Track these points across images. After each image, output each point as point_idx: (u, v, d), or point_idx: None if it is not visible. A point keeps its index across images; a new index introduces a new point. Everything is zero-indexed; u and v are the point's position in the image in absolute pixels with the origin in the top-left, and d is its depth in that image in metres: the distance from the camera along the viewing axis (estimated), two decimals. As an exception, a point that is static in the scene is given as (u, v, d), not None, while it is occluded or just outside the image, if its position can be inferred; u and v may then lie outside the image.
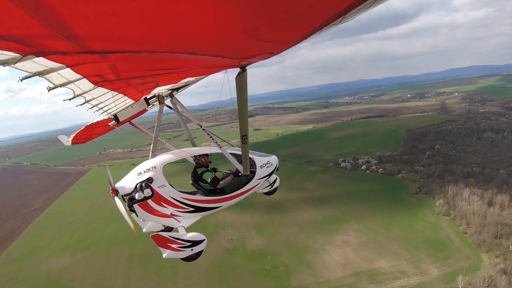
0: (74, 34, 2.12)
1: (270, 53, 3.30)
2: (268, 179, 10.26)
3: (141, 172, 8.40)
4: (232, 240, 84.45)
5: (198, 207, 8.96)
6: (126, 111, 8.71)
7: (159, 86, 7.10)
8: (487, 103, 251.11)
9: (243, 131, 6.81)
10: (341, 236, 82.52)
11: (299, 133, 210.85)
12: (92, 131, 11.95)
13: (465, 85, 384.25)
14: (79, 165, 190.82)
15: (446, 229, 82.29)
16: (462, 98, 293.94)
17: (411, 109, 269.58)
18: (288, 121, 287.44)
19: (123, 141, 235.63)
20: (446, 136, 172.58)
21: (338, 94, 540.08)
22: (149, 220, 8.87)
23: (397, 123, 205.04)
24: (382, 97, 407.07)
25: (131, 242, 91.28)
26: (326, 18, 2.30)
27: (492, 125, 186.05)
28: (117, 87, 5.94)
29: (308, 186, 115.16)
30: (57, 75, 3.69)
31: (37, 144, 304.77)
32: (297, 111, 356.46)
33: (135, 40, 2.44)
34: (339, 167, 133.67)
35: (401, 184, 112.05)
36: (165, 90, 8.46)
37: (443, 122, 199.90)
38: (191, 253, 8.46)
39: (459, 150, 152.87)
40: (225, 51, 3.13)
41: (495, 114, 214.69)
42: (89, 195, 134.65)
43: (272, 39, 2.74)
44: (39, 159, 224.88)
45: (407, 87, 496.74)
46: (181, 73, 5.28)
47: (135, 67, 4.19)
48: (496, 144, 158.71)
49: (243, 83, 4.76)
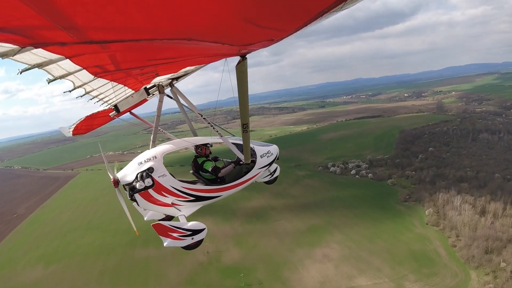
0: (73, 24, 2.10)
1: (270, 40, 3.22)
2: (269, 169, 10.44)
3: (141, 161, 8.30)
4: (208, 253, 78.91)
5: (198, 196, 8.95)
6: (126, 101, 8.48)
7: (159, 76, 7.08)
8: (484, 102, 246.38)
9: (244, 120, 6.62)
10: (322, 249, 76.70)
11: (292, 135, 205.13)
12: (93, 122, 11.79)
13: (462, 84, 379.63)
14: (68, 169, 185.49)
15: (434, 241, 76.23)
16: (459, 97, 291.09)
17: (408, 108, 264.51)
18: (283, 121, 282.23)
19: (115, 143, 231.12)
20: (441, 137, 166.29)
21: (336, 93, 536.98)
22: (150, 209, 8.85)
23: (392, 123, 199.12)
24: (379, 96, 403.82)
25: (105, 254, 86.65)
26: (327, 4, 2.28)
27: (488, 126, 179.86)
28: (117, 78, 5.95)
29: (295, 192, 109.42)
30: (56, 66, 3.70)
31: (31, 146, 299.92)
32: (293, 111, 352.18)
33: (134, 28, 2.41)
34: (328, 171, 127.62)
35: (390, 190, 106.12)
36: (165, 79, 8.41)
37: (438, 122, 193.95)
38: (191, 241, 8.46)
39: (453, 152, 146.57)
40: (225, 37, 3.02)
41: (491, 114, 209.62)
42: (72, 202, 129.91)
43: (272, 25, 2.70)
44: (31, 162, 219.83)
45: (404, 85, 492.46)
46: (180, 62, 5.23)
47: (134, 57, 4.12)
48: (491, 146, 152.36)
49: (243, 72, 4.59)
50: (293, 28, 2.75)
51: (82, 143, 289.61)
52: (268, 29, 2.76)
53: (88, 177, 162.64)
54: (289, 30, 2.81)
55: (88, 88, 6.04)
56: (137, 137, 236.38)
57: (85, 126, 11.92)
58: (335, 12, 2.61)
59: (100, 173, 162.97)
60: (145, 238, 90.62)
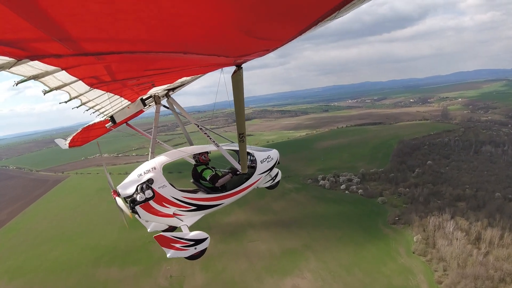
0: (68, 36, 2.08)
1: (265, 50, 3.22)
2: (270, 173, 10.31)
3: (141, 173, 8.24)
4: (171, 278, 71.65)
5: (200, 205, 8.83)
6: (123, 112, 8.49)
7: (155, 87, 6.97)
8: (490, 111, 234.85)
9: (240, 129, 6.51)
10: (293, 279, 68.36)
11: (289, 141, 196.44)
12: (89, 134, 11.52)
13: (469, 90, 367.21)
14: (59, 171, 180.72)
15: (419, 275, 67.00)
16: (465, 104, 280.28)
17: (411, 115, 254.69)
18: (283, 126, 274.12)
19: (112, 144, 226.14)
20: (441, 149, 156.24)
21: (341, 97, 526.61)
22: (152, 221, 8.58)
23: (392, 132, 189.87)
24: (384, 101, 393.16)
25: (67, 272, 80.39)
26: (322, 13, 2.28)
27: (493, 137, 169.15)
28: (113, 89, 5.89)
29: (278, 207, 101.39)
30: (52, 78, 3.68)
31: (30, 145, 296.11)
32: (295, 115, 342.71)
33: (130, 40, 2.40)
34: (317, 185, 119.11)
35: (380, 209, 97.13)
36: (161, 90, 8.36)
37: (440, 132, 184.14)
38: (194, 251, 8.31)
39: (453, 166, 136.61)
40: (220, 49, 3.07)
41: (497, 123, 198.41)
42: (52, 208, 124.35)
43: (267, 36, 2.72)
44: (27, 162, 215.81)
45: (411, 90, 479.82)
46: (176, 73, 5.23)
47: (130, 67, 4.11)
48: (494, 160, 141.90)
49: (239, 81, 4.54)
50: (288, 37, 2.73)
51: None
52: (264, 39, 2.74)
53: (75, 181, 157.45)
54: (284, 39, 2.79)
55: (84, 99, 5.95)
56: (133, 139, 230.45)
57: (81, 138, 11.70)
58: (329, 21, 2.59)
59: (88, 178, 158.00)
60: (112, 256, 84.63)
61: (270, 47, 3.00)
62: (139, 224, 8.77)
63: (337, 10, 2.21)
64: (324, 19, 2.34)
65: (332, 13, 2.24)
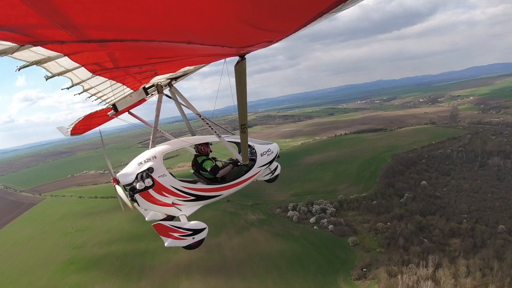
0: (71, 23, 2.06)
1: (269, 42, 3.13)
2: (269, 167, 10.02)
3: (141, 162, 7.98)
4: None
5: (199, 196, 8.56)
6: (125, 100, 8.00)
7: (158, 75, 6.75)
8: (502, 111, 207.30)
9: (242, 120, 6.17)
10: None
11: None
12: (91, 121, 10.81)
13: (482, 86, 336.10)
14: (40, 192, 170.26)
15: None
16: (476, 103, 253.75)
17: (418, 118, 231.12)
18: (281, 133, 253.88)
19: (101, 159, 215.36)
20: (441, 163, 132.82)
21: (352, 97, 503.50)
22: (151, 209, 8.43)
23: (389, 142, 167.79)
24: (393, 101, 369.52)
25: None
26: (326, 5, 2.21)
27: (502, 145, 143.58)
28: (115, 76, 5.80)
29: (230, 248, 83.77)
30: (54, 64, 3.62)
31: (30, 159, 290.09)
32: (298, 120, 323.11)
33: (133, 29, 2.36)
34: (285, 216, 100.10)
35: (347, 255, 77.15)
36: (164, 79, 8.00)
37: (443, 140, 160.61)
38: (192, 241, 8.08)
39: (451, 187, 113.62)
40: (224, 40, 3.01)
41: (509, 126, 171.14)
42: (7, 240, 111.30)
43: (271, 27, 2.63)
44: (17, 179, 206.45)
45: (423, 89, 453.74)
46: (179, 62, 5.11)
47: (133, 55, 4.04)
48: (502, 176, 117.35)
49: (242, 72, 4.37)
50: (292, 29, 2.64)
51: (76, 157, 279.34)
52: (267, 31, 2.67)
53: (45, 206, 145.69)
54: (288, 31, 2.71)
55: (86, 85, 5.79)
56: (126, 152, 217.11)
57: (84, 126, 11.17)
58: (334, 13, 2.47)
59: (58, 202, 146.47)
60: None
61: (273, 38, 2.91)
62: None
63: (343, 2, 2.12)
64: (329, 10, 2.25)
65: (337, 5, 2.17)
